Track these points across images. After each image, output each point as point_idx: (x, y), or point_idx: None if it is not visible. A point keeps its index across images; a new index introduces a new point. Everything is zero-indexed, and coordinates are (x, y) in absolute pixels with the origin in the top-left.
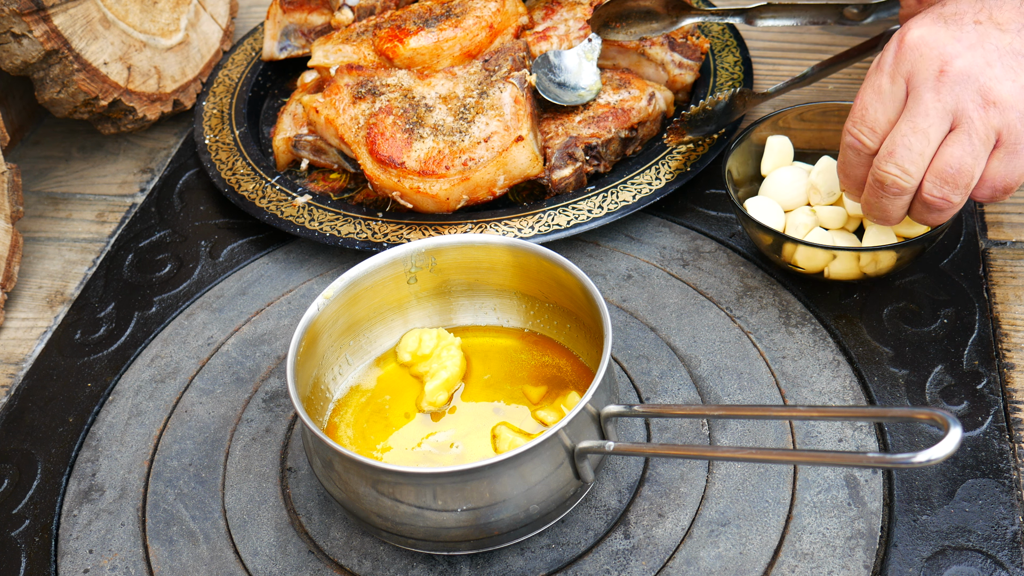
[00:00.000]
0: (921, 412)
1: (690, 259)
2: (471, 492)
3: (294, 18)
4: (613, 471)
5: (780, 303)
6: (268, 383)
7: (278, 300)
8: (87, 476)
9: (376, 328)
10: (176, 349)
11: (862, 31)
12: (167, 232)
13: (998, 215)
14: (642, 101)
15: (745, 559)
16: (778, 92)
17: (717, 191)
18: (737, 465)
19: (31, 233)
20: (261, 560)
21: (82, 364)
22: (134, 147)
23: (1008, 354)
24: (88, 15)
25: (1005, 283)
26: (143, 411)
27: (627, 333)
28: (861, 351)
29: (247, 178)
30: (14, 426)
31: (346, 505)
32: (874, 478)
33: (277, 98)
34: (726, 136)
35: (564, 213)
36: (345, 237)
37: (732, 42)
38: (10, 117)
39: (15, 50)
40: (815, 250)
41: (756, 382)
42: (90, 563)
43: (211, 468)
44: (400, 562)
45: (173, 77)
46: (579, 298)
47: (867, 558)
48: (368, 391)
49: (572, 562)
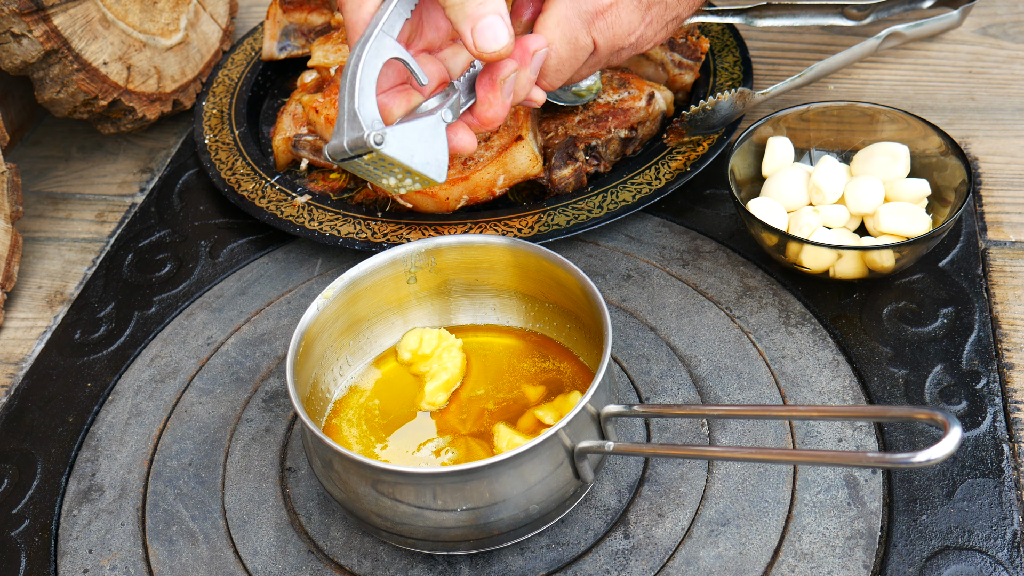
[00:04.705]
0: (921, 412)
1: (690, 259)
2: (471, 492)
3: (294, 18)
4: (613, 471)
5: (780, 303)
6: (268, 383)
7: (278, 300)
8: (87, 476)
9: (376, 328)
10: (176, 349)
11: (862, 31)
12: (167, 232)
13: (998, 215)
14: (642, 101)
15: (745, 559)
16: (778, 92)
17: (717, 191)
18: (737, 465)
19: (31, 233)
20: (261, 560)
21: (82, 364)
22: (134, 147)
23: (1008, 354)
24: (88, 15)
25: (1005, 283)
26: (143, 411)
27: (627, 333)
28: (861, 351)
29: (247, 178)
30: (14, 426)
31: (346, 505)
32: (874, 478)
33: (277, 98)
34: (726, 136)
35: (564, 213)
36: (345, 237)
37: (732, 42)
38: (10, 117)
39: (15, 50)
40: (821, 249)
41: (756, 382)
42: (90, 563)
43: (211, 468)
44: (400, 562)
45: (173, 77)
46: (579, 298)
47: (867, 558)
48: (367, 391)
49: (572, 562)
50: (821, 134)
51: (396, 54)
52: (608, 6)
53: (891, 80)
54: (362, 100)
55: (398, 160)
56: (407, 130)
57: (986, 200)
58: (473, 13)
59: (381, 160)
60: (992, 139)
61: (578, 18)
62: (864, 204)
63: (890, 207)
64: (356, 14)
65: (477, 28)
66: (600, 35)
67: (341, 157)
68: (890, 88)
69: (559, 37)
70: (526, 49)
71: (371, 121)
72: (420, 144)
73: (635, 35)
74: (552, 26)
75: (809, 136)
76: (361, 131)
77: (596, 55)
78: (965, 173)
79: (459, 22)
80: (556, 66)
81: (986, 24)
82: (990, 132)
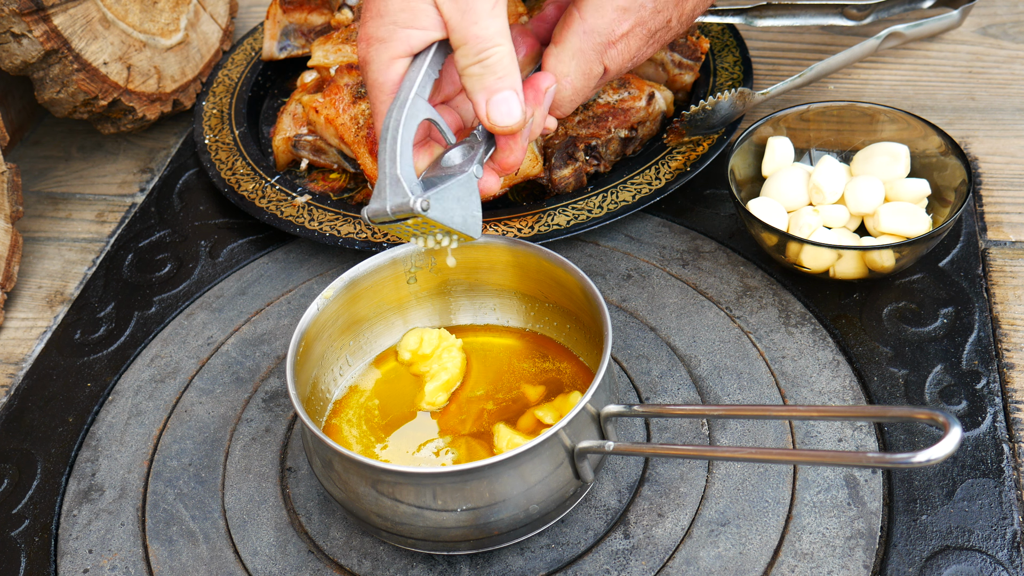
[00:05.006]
0: (921, 412)
1: (690, 259)
2: (471, 492)
3: (294, 18)
4: (613, 471)
5: (780, 303)
6: (268, 383)
7: (278, 300)
8: (87, 476)
9: (376, 328)
10: (176, 349)
11: (862, 31)
12: (167, 232)
13: (998, 215)
14: (642, 101)
15: (745, 559)
16: (778, 92)
17: (717, 191)
18: (737, 465)
19: (31, 233)
20: (261, 560)
21: (82, 364)
22: (134, 147)
23: (1008, 354)
24: (88, 15)
25: (1005, 283)
26: (143, 411)
27: (627, 333)
28: (861, 351)
29: (247, 178)
30: (14, 426)
31: (346, 505)
32: (874, 478)
33: (277, 98)
34: (726, 136)
35: (564, 213)
36: (345, 237)
37: (732, 42)
38: (10, 117)
39: (15, 50)
40: (821, 249)
41: (756, 382)
42: (90, 563)
43: (211, 468)
44: (400, 562)
45: (173, 77)
46: (579, 298)
47: (867, 558)
48: (367, 391)
49: (572, 562)
50: (821, 134)
51: (429, 115)
52: (620, 36)
53: (891, 80)
54: (403, 164)
55: (441, 223)
56: (446, 193)
57: (986, 200)
58: (491, 86)
59: (423, 223)
60: (992, 139)
61: (592, 50)
62: (864, 204)
63: (890, 207)
64: (384, 75)
65: (492, 101)
66: (612, 62)
67: (382, 219)
68: (890, 88)
69: (574, 69)
70: (538, 88)
71: (412, 185)
72: (458, 204)
73: (641, 55)
74: (567, 59)
75: (809, 136)
76: (406, 197)
77: (605, 77)
78: (965, 173)
79: (474, 92)
80: (571, 97)
81: (986, 24)
82: (990, 132)
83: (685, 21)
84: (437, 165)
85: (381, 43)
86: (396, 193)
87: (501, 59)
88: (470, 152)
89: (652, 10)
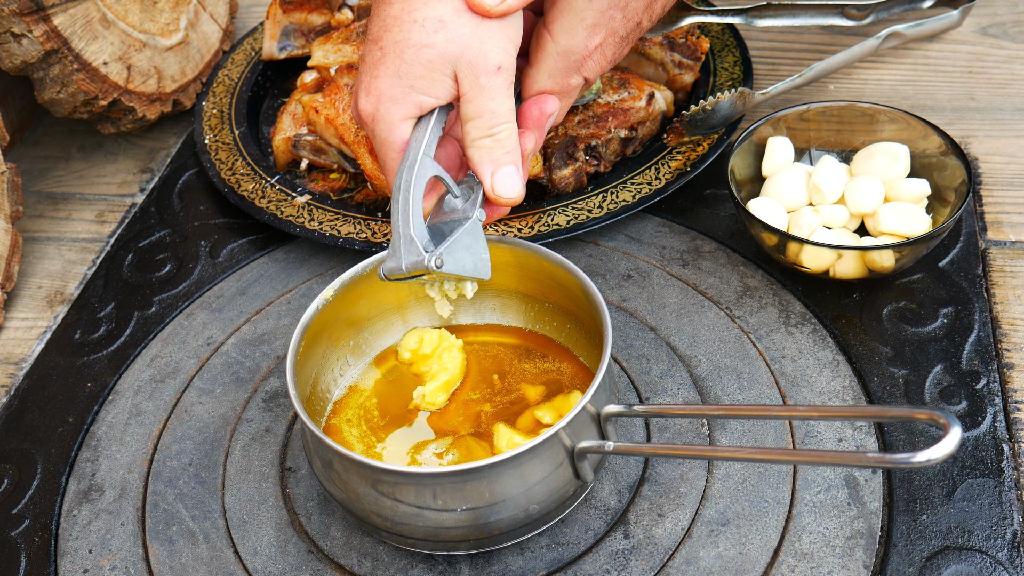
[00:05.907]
0: (921, 412)
1: (690, 259)
2: (471, 492)
3: (294, 18)
4: (613, 471)
5: (780, 303)
6: (268, 383)
7: (278, 300)
8: (87, 476)
9: (376, 328)
10: (176, 349)
11: (862, 31)
12: (167, 232)
13: (998, 215)
14: (642, 101)
15: (745, 559)
16: (778, 92)
17: (717, 191)
18: (737, 465)
19: (31, 233)
20: (261, 560)
21: (82, 364)
22: (134, 147)
23: (1008, 354)
24: (88, 15)
25: (1005, 283)
26: (143, 411)
27: (627, 333)
28: (861, 351)
29: (247, 178)
30: (14, 426)
31: (346, 505)
32: (874, 478)
33: (277, 98)
34: (726, 136)
35: (564, 213)
36: (345, 237)
37: (732, 42)
38: (10, 117)
39: (15, 50)
40: (821, 249)
41: (756, 382)
42: (90, 563)
43: (211, 468)
44: (400, 562)
45: (173, 77)
46: (579, 298)
47: (867, 558)
48: (367, 391)
49: (572, 562)
50: (821, 134)
51: (436, 173)
52: (594, 49)
53: (891, 80)
54: (415, 223)
55: (454, 275)
56: (456, 245)
57: (986, 200)
58: (498, 159)
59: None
60: (992, 139)
61: (568, 68)
62: (864, 204)
63: (890, 207)
64: (393, 134)
65: (498, 175)
66: (590, 72)
67: (398, 276)
68: (890, 88)
69: (553, 87)
70: (543, 113)
71: (425, 243)
72: (467, 252)
73: (617, 57)
74: (545, 79)
75: (809, 136)
76: (420, 255)
77: (586, 86)
78: (965, 173)
79: (481, 163)
80: (557, 116)
81: (986, 24)
82: (990, 132)
83: (655, 18)
84: (441, 210)
85: (393, 102)
86: (411, 252)
87: (510, 135)
88: (470, 193)
89: (622, 19)
